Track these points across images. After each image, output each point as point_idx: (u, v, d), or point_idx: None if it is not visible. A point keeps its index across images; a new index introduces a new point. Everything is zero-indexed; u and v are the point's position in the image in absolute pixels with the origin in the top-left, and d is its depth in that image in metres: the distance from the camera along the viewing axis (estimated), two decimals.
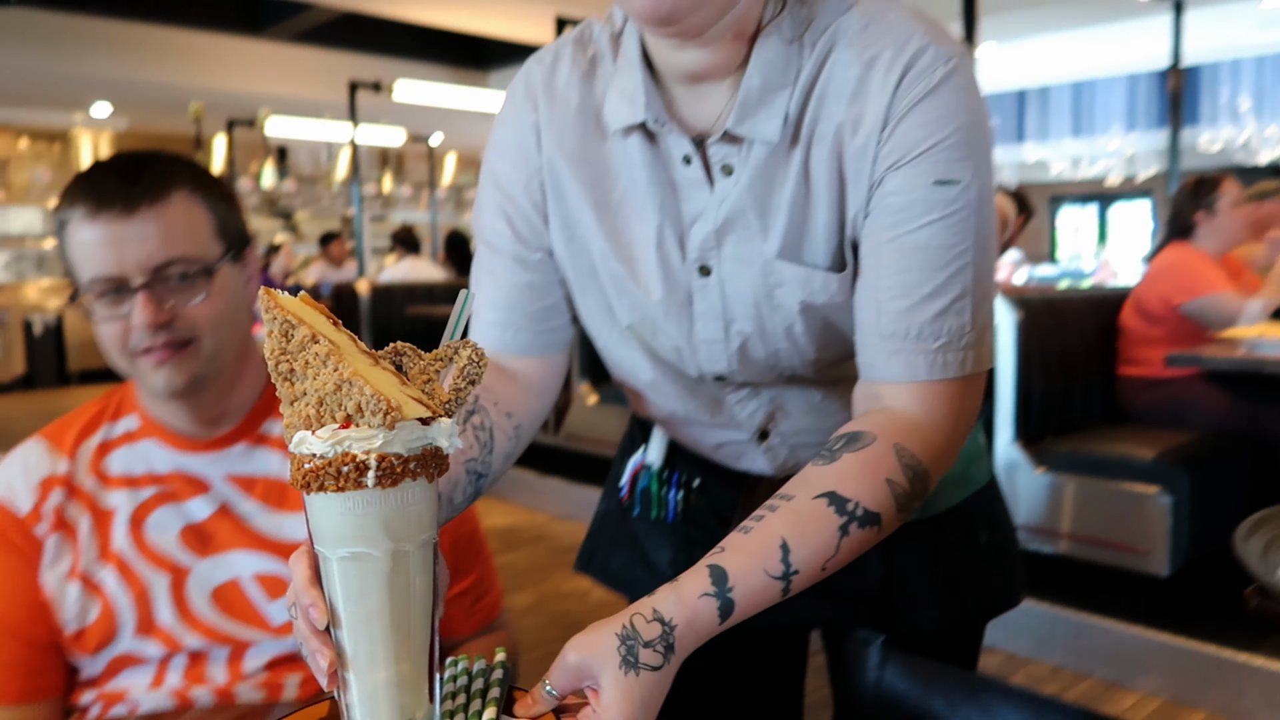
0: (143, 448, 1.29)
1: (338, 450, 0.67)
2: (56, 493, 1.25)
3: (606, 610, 0.79)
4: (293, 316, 0.69)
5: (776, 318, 1.01)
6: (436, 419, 0.70)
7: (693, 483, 1.25)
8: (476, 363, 0.74)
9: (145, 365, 1.21)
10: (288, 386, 0.69)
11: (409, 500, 0.70)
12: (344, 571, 0.70)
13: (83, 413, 1.33)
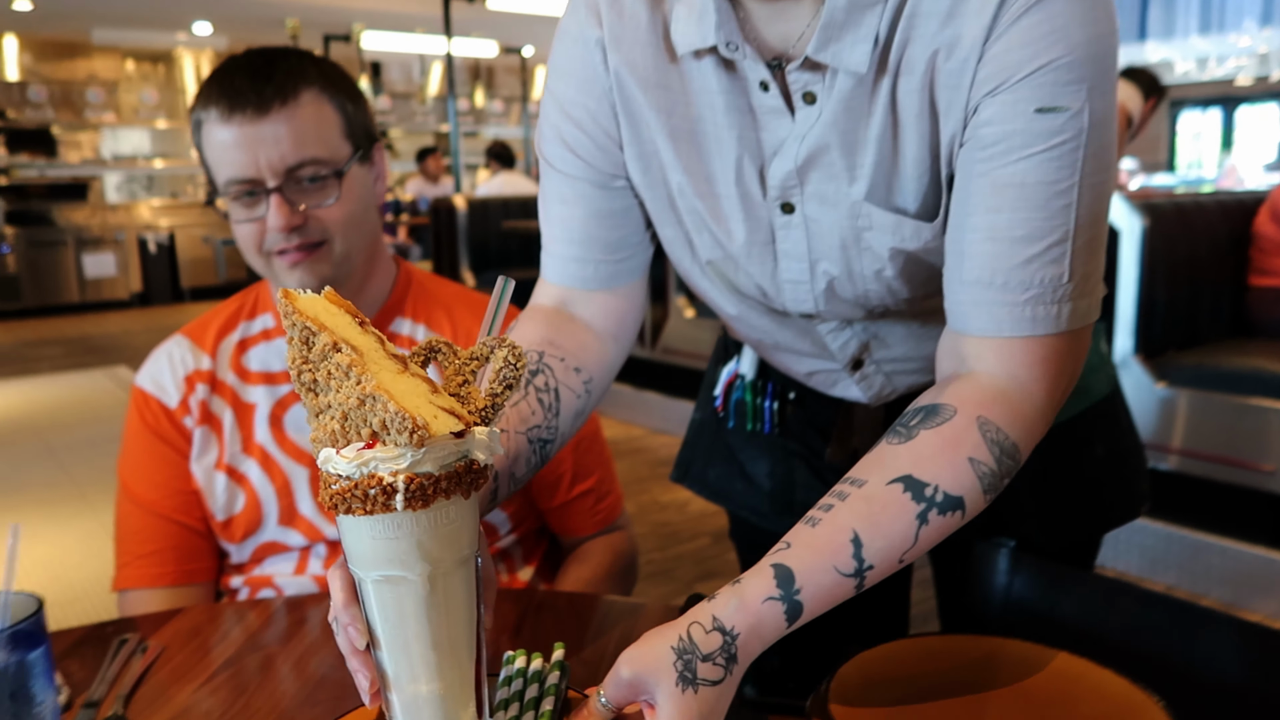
0: (279, 345, 1.34)
1: (363, 472, 0.62)
2: (201, 388, 1.31)
3: (707, 521, 0.77)
4: (312, 322, 0.64)
5: (865, 260, 0.94)
6: (471, 430, 0.65)
7: (788, 394, 1.20)
8: (514, 364, 0.68)
9: (280, 266, 1.25)
10: (312, 399, 0.65)
11: (444, 520, 0.65)
12: (379, 594, 0.67)
13: (220, 312, 1.38)
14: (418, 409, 0.62)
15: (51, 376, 7.12)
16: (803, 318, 1.03)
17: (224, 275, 10.83)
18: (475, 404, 0.68)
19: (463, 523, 0.67)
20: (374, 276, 1.36)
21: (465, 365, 0.69)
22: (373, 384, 0.61)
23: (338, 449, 0.63)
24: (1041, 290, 0.82)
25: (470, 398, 0.68)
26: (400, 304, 1.39)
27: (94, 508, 4.23)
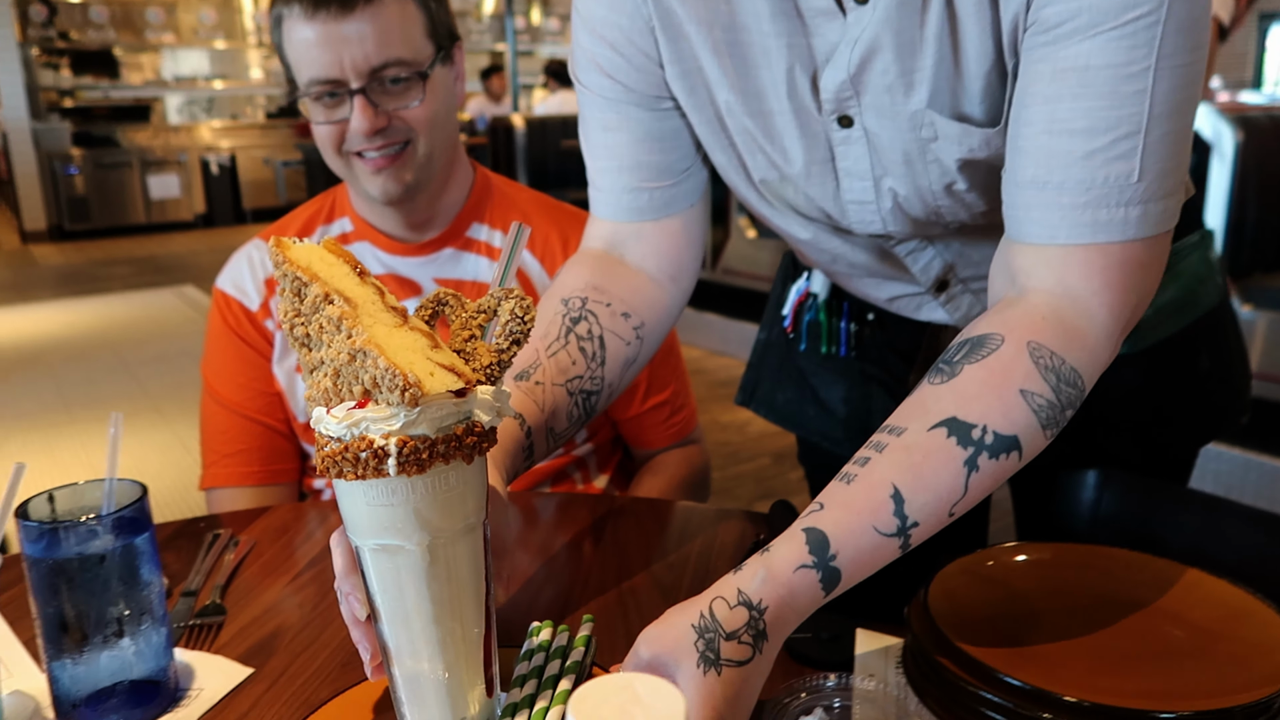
0: (357, 250, 1.34)
1: (354, 433, 0.58)
2: None
3: (768, 441, 0.74)
4: (304, 273, 0.60)
5: (932, 174, 0.87)
6: (473, 389, 0.61)
7: (866, 315, 1.13)
8: (520, 318, 0.63)
9: (361, 169, 1.24)
10: (305, 354, 0.61)
11: (443, 486, 0.61)
12: (377, 564, 0.63)
13: (298, 215, 1.38)
14: (411, 365, 0.58)
15: (122, 295, 7.29)
16: (876, 239, 0.96)
17: (284, 197, 10.92)
18: (480, 361, 0.63)
19: (465, 489, 0.63)
20: (453, 180, 1.34)
21: (472, 319, 0.65)
22: (364, 338, 0.57)
23: (329, 408, 0.59)
24: (1105, 191, 0.72)
25: (475, 354, 0.64)
26: (478, 209, 1.37)
27: (169, 420, 4.35)
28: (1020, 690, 0.69)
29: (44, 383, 5.02)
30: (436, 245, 1.35)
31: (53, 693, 0.78)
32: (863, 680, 0.79)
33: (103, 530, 0.76)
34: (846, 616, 0.89)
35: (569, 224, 1.39)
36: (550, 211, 1.41)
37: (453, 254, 1.35)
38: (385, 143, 1.22)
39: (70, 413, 4.56)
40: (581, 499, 1.26)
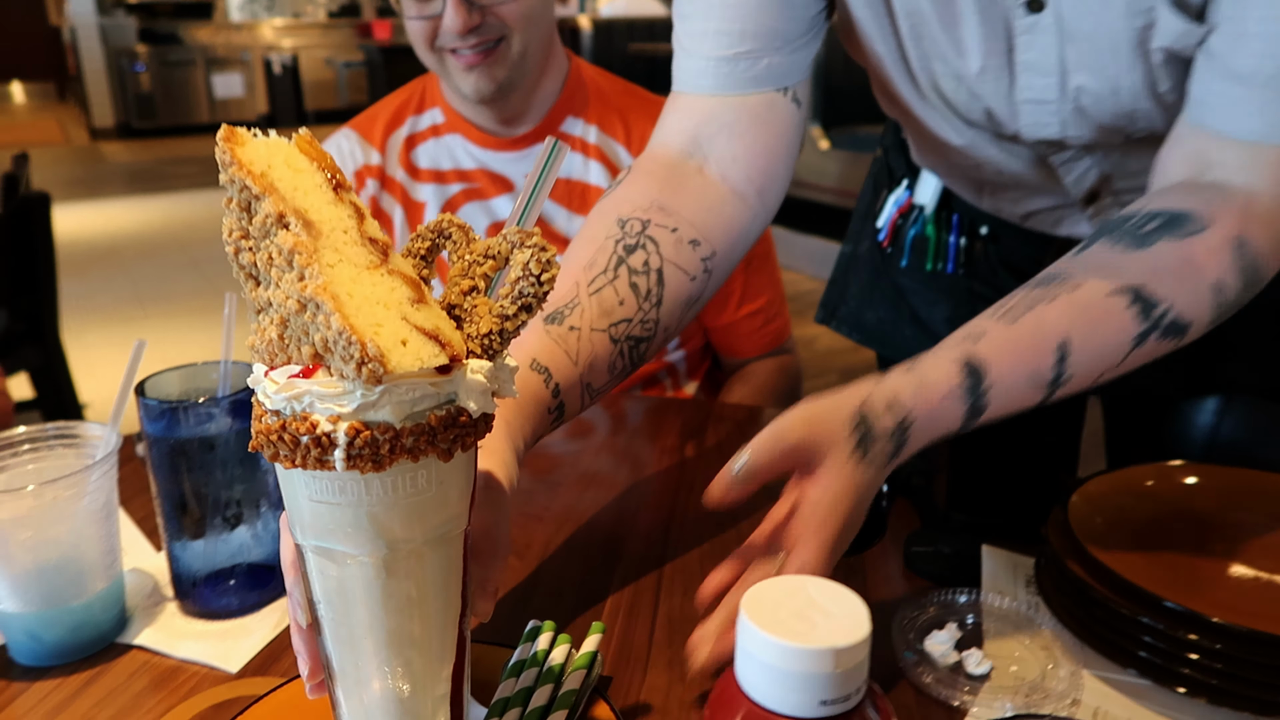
0: (448, 142, 1.31)
1: (294, 409, 0.44)
2: (371, 183, 1.30)
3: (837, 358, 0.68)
4: (256, 180, 0.45)
5: (1138, 73, 0.76)
6: (462, 365, 0.46)
7: (978, 229, 1.05)
8: (535, 277, 0.46)
9: (454, 66, 1.22)
10: (252, 288, 0.47)
11: (409, 488, 0.47)
12: (320, 569, 0.49)
13: (387, 105, 1.34)
14: (377, 327, 0.43)
15: (190, 193, 7.36)
16: (1040, 146, 0.88)
17: (346, 99, 10.87)
18: (477, 325, 0.47)
19: (439, 493, 0.48)
20: (548, 74, 1.29)
21: (475, 265, 0.49)
22: (318, 283, 0.42)
23: (270, 366, 0.46)
24: None
25: (473, 314, 0.48)
26: (572, 102, 1.32)
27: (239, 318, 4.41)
28: (1165, 609, 0.65)
29: (118, 278, 5.12)
30: (529, 140, 1.31)
31: (172, 572, 0.78)
32: (993, 597, 0.76)
33: (220, 412, 0.74)
34: (969, 532, 0.86)
35: None
36: (646, 106, 1.35)
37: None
38: (479, 40, 1.18)
39: (144, 308, 4.64)
40: (673, 404, 1.23)
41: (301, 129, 0.49)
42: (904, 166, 1.11)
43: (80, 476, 0.69)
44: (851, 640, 0.42)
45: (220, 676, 0.70)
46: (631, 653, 0.72)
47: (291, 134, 0.49)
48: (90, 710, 0.67)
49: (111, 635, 0.74)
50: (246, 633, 0.75)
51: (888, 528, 0.89)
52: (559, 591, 0.81)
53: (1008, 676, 0.68)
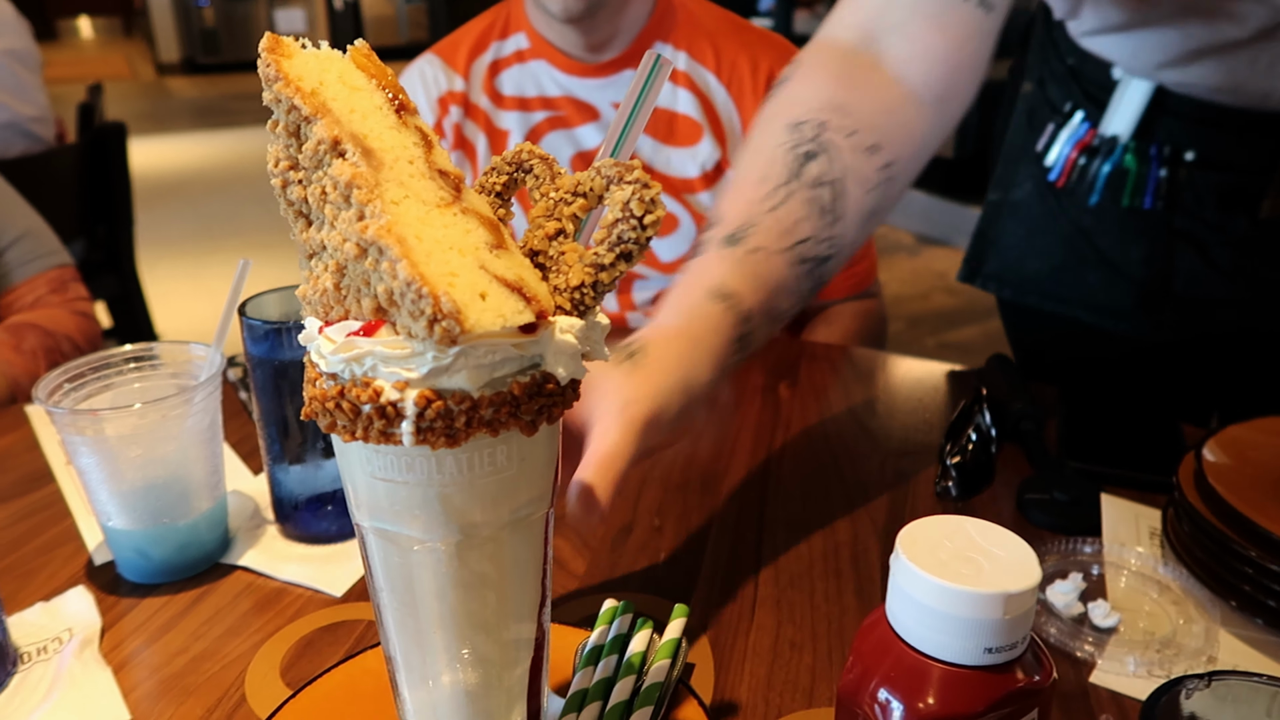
0: (533, 69, 1.27)
1: (354, 373, 0.38)
2: (455, 110, 1.27)
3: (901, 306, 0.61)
4: (307, 101, 0.38)
5: None
6: (550, 323, 0.39)
7: (1183, 155, 0.94)
8: (638, 220, 0.39)
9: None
10: (302, 227, 0.41)
11: (487, 466, 0.41)
12: (382, 553, 0.44)
13: (470, 30, 1.31)
14: (452, 277, 0.37)
15: (254, 129, 7.41)
16: None
17: (406, 35, 10.81)
18: (567, 276, 0.41)
19: (519, 470, 0.42)
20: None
21: (563, 204, 0.42)
22: (381, 223, 0.36)
23: (325, 321, 0.40)
24: None
25: (560, 263, 0.41)
26: (661, 26, 1.26)
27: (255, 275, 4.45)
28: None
29: (186, 211, 5.18)
30: (616, 66, 1.26)
31: (273, 495, 0.77)
32: (1117, 548, 0.73)
33: None
34: (1086, 479, 0.82)
35: (762, 49, 1.27)
36: (740, 33, 1.29)
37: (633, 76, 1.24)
38: None
39: (214, 241, 4.70)
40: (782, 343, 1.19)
41: (358, 40, 0.43)
42: (1076, 97, 0.99)
43: (186, 395, 0.68)
44: (1022, 585, 0.39)
45: (324, 600, 0.70)
46: (736, 599, 0.70)
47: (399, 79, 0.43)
48: (199, 628, 0.67)
49: (216, 555, 0.74)
50: (348, 557, 0.74)
51: (996, 473, 0.86)
52: (652, 546, 0.79)
53: (1137, 631, 0.65)
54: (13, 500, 0.84)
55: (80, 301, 1.31)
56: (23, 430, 0.96)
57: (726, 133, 1.25)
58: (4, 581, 0.72)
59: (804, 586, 0.71)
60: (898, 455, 0.90)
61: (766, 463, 0.88)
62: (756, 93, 1.25)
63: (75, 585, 0.71)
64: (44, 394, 0.67)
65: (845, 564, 0.74)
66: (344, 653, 0.64)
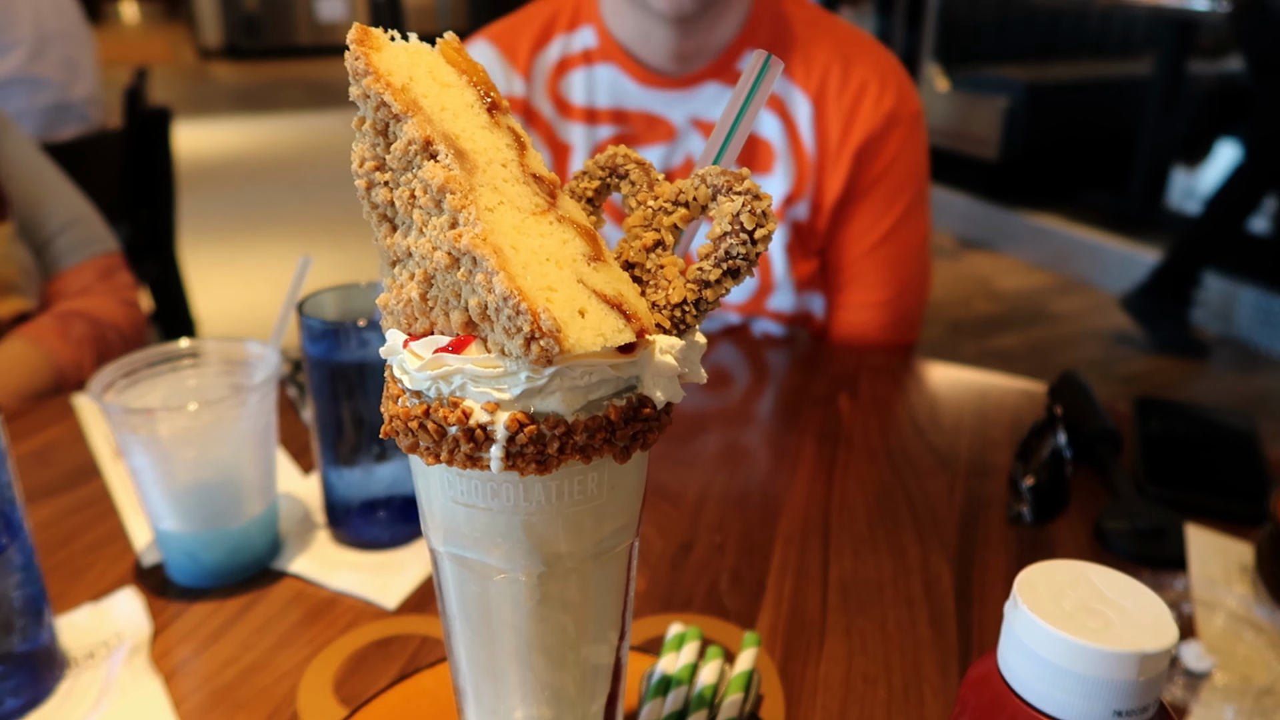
0: (603, 74, 1.15)
1: (440, 390, 0.36)
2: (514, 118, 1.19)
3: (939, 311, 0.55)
4: (397, 98, 0.36)
5: None
6: (649, 343, 0.36)
7: None
8: (747, 234, 0.36)
9: None
10: (386, 231, 0.38)
11: (576, 494, 0.38)
12: (458, 580, 0.42)
13: (534, 15, 1.19)
14: (551, 291, 0.34)
15: (293, 115, 7.44)
16: None
17: (446, 23, 10.82)
18: (667, 292, 0.38)
19: (609, 499, 0.39)
20: (732, 4, 1.10)
21: (662, 214, 0.39)
22: (476, 232, 0.34)
23: (410, 333, 0.38)
24: None
25: (660, 277, 0.38)
26: (756, 33, 1.13)
27: (341, 243, 4.46)
28: None
29: (225, 197, 5.21)
30: (699, 79, 1.12)
31: (325, 498, 0.75)
32: (1208, 584, 0.69)
33: (377, 336, 0.71)
34: (1169, 508, 0.78)
35: (857, 55, 1.13)
36: (834, 37, 1.15)
37: (719, 91, 1.12)
38: None
39: (253, 226, 4.72)
40: (827, 350, 1.16)
41: (447, 33, 0.41)
42: None
43: (242, 397, 0.66)
44: (1158, 645, 0.36)
45: (376, 612, 0.68)
46: (804, 624, 0.67)
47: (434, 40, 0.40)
48: (250, 637, 0.65)
49: (266, 560, 0.72)
50: (400, 567, 0.72)
51: (1071, 497, 0.82)
52: (714, 565, 0.76)
53: (1233, 677, 0.61)
54: (60, 494, 0.82)
55: (127, 290, 1.29)
56: (69, 422, 0.95)
57: (807, 158, 1.14)
58: (52, 580, 0.70)
59: (874, 614, 0.68)
60: (966, 475, 0.86)
61: (830, 478, 0.85)
62: (841, 107, 1.13)
63: (123, 586, 0.70)
64: (98, 389, 0.65)
65: (917, 591, 0.70)
66: (398, 670, 0.62)
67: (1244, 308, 3.42)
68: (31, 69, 2.27)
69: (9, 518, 0.57)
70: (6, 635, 0.57)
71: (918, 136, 1.15)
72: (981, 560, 0.74)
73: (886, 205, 1.14)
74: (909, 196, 1.15)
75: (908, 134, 1.13)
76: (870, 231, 1.15)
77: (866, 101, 1.11)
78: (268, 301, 3.67)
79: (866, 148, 1.11)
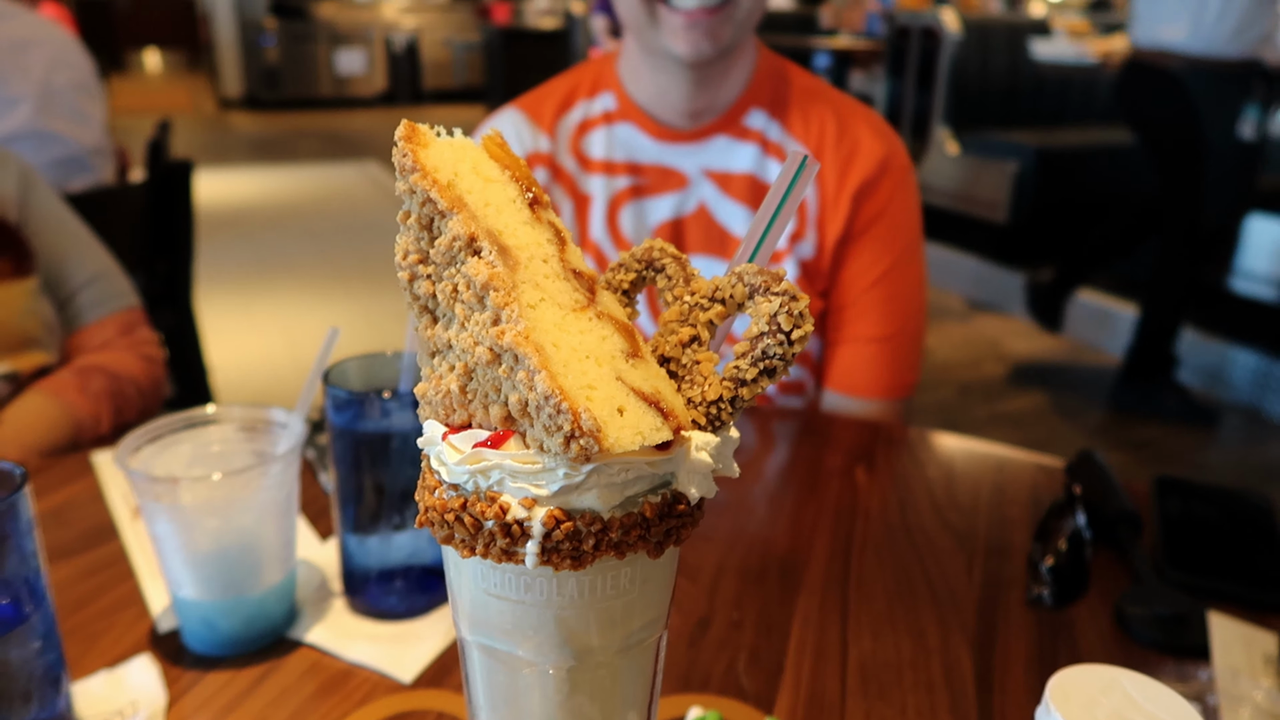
0: (621, 132, 1.25)
1: (478, 485, 0.36)
2: (541, 172, 1.25)
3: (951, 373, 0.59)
4: (442, 193, 0.37)
5: None
6: (685, 440, 0.37)
7: None
8: (784, 335, 0.37)
9: (670, 21, 1.11)
10: (427, 322, 0.39)
11: (609, 590, 0.39)
12: (487, 669, 0.42)
13: (557, 87, 1.29)
14: (591, 390, 0.35)
15: (310, 166, 7.54)
16: None
17: (462, 79, 11.01)
18: (702, 389, 0.38)
19: (641, 594, 0.40)
20: (741, 56, 1.20)
21: (698, 310, 0.40)
22: (518, 330, 0.35)
23: (449, 427, 0.38)
24: None
25: (695, 373, 0.39)
26: (760, 92, 1.22)
27: (352, 292, 4.49)
28: None
29: (241, 245, 5.26)
30: (709, 132, 1.22)
31: (343, 566, 0.75)
32: (1233, 676, 0.68)
33: (399, 406, 0.71)
34: (1191, 594, 0.78)
35: (850, 119, 1.23)
36: (831, 102, 1.24)
37: (726, 143, 1.22)
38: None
39: (267, 275, 4.76)
40: (840, 422, 1.16)
41: (490, 128, 0.42)
42: None
43: (265, 467, 0.66)
44: None
45: (392, 685, 0.67)
46: (823, 708, 0.67)
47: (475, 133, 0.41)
48: (264, 709, 0.65)
49: (282, 629, 0.72)
50: (418, 639, 0.72)
51: (1091, 580, 0.82)
52: (732, 642, 0.75)
53: None
54: (77, 555, 0.82)
55: (147, 345, 1.31)
56: (87, 480, 0.95)
57: (806, 202, 1.22)
58: (68, 644, 0.70)
59: (894, 700, 0.67)
60: (984, 554, 0.86)
61: (848, 555, 0.85)
62: (838, 157, 1.21)
63: (139, 653, 0.69)
64: (124, 456, 0.66)
65: (937, 676, 0.70)
66: None
67: (1242, 371, 3.42)
68: (40, 123, 2.30)
69: (34, 586, 0.57)
70: (25, 704, 0.57)
71: (909, 188, 1.23)
72: (1002, 644, 0.73)
73: (884, 246, 1.22)
74: (904, 240, 1.23)
75: (899, 183, 1.22)
76: (870, 269, 1.22)
77: (861, 151, 1.21)
78: (281, 351, 3.69)
79: (862, 191, 1.20)
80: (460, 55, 11.01)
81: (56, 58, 2.39)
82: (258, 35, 10.44)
